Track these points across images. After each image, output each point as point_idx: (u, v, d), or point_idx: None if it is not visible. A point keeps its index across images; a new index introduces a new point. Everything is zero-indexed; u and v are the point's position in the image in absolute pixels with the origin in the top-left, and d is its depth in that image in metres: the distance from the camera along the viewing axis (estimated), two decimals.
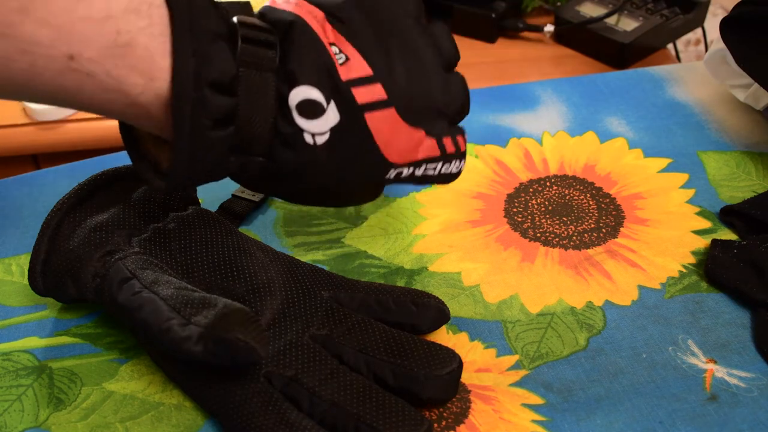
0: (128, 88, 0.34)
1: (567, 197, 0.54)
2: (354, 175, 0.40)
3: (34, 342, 0.45)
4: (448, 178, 0.44)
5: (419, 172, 0.42)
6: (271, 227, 0.52)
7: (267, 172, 0.39)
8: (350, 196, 0.43)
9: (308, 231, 0.52)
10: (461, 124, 0.44)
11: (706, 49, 1.01)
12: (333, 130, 0.38)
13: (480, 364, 0.43)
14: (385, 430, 0.37)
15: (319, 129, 0.37)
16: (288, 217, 0.53)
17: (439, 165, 0.43)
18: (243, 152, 0.37)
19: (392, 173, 0.41)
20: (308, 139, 0.37)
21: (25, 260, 0.50)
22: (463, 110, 0.43)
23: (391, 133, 0.39)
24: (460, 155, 0.43)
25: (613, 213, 0.53)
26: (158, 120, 0.36)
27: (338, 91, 0.37)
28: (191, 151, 0.36)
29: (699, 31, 1.20)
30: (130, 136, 0.39)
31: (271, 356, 0.40)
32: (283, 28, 0.37)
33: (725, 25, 0.56)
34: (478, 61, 1.03)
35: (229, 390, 0.39)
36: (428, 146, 0.41)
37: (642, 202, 0.54)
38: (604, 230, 0.51)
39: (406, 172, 0.42)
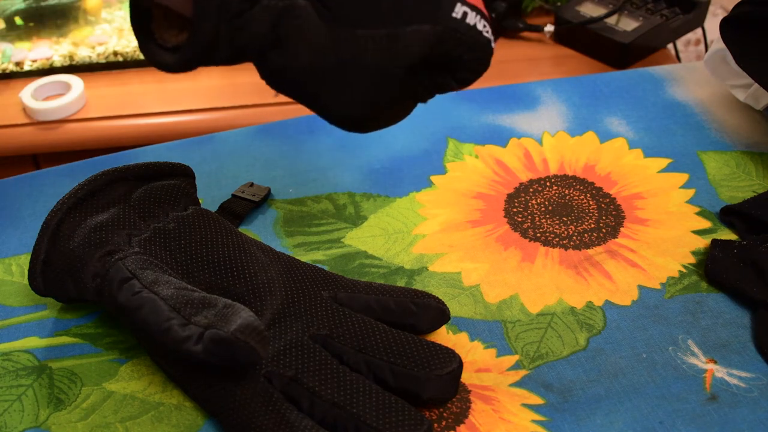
0: None
1: (567, 197, 0.54)
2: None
3: (34, 342, 0.45)
4: (484, 45, 0.39)
5: (480, 25, 0.38)
6: (271, 227, 0.52)
7: (310, 24, 0.34)
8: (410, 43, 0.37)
9: (308, 231, 0.52)
10: None
11: (706, 49, 1.01)
12: None
13: (480, 364, 0.43)
14: (385, 430, 0.37)
15: None
16: (288, 217, 0.53)
17: (485, 21, 0.38)
18: None
19: (459, 9, 0.37)
20: None
21: (25, 260, 0.50)
22: None
23: None
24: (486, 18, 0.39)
25: (613, 213, 0.53)
26: None
27: None
28: None
29: (699, 31, 1.20)
30: (140, 23, 0.37)
31: (271, 356, 0.40)
32: None
33: (725, 25, 0.56)
34: None
35: (230, 390, 0.39)
36: None
37: (642, 202, 0.54)
38: (604, 230, 0.51)
39: (472, 16, 0.37)
